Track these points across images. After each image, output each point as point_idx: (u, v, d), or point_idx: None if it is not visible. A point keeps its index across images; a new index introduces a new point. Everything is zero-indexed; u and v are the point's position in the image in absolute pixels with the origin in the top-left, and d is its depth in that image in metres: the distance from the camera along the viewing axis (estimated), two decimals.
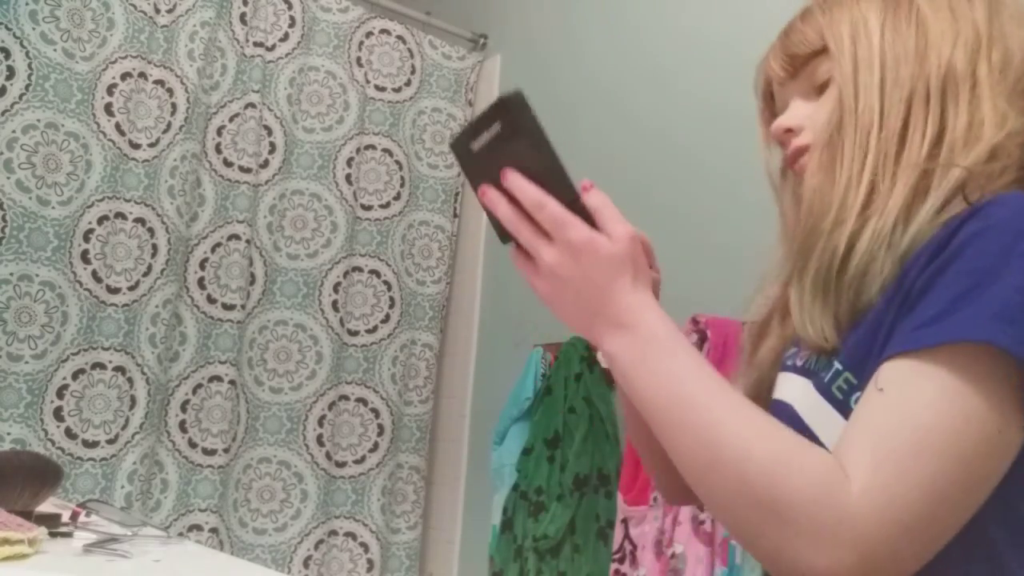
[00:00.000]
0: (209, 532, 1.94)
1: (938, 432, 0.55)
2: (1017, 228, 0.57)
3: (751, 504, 0.58)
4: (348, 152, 2.26)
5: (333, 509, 2.14)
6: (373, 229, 2.28)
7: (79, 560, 0.79)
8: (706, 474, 0.60)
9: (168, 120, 1.97)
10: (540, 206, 0.63)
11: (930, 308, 0.57)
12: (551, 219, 0.64)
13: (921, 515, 0.55)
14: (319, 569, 2.09)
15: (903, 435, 0.55)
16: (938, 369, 0.56)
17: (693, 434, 0.61)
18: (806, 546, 0.55)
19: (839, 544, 0.54)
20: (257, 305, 2.10)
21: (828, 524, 0.55)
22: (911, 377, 0.57)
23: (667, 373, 0.64)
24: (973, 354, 0.55)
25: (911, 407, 0.56)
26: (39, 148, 1.81)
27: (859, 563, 0.54)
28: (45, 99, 1.82)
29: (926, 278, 0.59)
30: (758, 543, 0.58)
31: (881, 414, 0.57)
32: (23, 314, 1.78)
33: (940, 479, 0.55)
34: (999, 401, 0.55)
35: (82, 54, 1.88)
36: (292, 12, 2.20)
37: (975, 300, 0.56)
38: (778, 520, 0.56)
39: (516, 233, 0.65)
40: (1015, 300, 0.55)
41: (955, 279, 0.57)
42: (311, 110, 2.22)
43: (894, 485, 0.54)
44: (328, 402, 2.16)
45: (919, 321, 0.58)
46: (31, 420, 1.77)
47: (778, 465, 0.57)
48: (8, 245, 1.76)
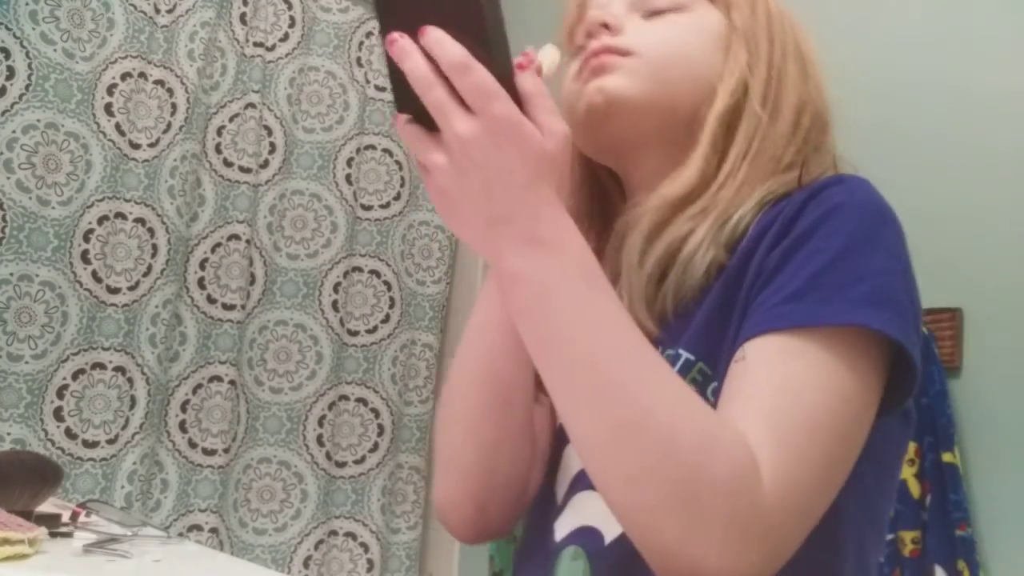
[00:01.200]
0: (209, 532, 1.94)
1: (824, 412, 0.53)
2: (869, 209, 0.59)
3: (670, 485, 0.49)
4: (348, 152, 2.26)
5: (333, 509, 2.14)
6: (373, 229, 2.28)
7: (79, 560, 0.79)
8: (621, 443, 0.50)
9: (168, 120, 1.97)
10: (465, 68, 0.49)
11: (789, 285, 0.56)
12: (477, 86, 0.50)
13: (813, 499, 0.53)
14: (319, 569, 2.09)
15: (796, 416, 0.53)
16: (815, 348, 0.54)
17: (615, 393, 0.51)
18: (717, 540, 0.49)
19: (748, 541, 0.50)
20: (257, 305, 2.10)
21: (743, 517, 0.49)
22: (791, 356, 0.54)
23: (592, 312, 0.52)
24: (846, 335, 0.55)
25: (798, 386, 0.53)
26: (39, 148, 1.81)
27: (760, 561, 0.50)
28: (45, 99, 1.82)
29: (778, 256, 0.58)
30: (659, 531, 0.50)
31: (771, 394, 0.53)
32: (23, 314, 1.77)
33: (828, 460, 0.54)
34: (865, 381, 0.56)
35: (82, 54, 1.88)
36: (292, 12, 2.20)
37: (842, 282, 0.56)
38: (695, 507, 0.49)
39: (425, 92, 0.50)
40: (880, 283, 0.56)
41: (811, 258, 0.57)
42: (311, 110, 2.22)
43: (795, 471, 0.51)
44: (328, 402, 2.16)
45: (780, 298, 0.56)
46: (31, 420, 1.77)
47: (706, 444, 0.50)
48: (8, 245, 1.76)
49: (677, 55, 0.68)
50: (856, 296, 0.55)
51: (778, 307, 0.56)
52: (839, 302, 0.55)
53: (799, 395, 0.53)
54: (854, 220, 0.58)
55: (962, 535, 1.40)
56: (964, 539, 1.40)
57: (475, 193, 0.51)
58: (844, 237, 0.57)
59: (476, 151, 0.50)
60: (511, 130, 0.50)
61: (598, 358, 0.51)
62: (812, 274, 0.56)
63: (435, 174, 0.52)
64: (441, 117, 0.50)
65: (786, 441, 0.52)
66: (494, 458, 0.68)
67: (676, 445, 0.50)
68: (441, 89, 0.50)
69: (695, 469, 0.49)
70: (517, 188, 0.51)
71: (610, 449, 0.51)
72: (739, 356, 0.56)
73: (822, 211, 0.59)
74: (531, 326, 0.53)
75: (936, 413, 1.47)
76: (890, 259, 0.59)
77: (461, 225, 0.54)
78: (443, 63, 0.50)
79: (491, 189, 0.51)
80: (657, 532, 0.51)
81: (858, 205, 0.60)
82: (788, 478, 0.51)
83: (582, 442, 0.53)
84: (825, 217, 0.58)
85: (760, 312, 0.57)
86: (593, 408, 0.51)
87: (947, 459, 1.45)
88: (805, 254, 0.57)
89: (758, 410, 0.53)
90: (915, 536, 1.45)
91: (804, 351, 0.54)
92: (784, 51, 0.70)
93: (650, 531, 0.51)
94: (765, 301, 0.57)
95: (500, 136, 0.50)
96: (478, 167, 0.50)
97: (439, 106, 0.50)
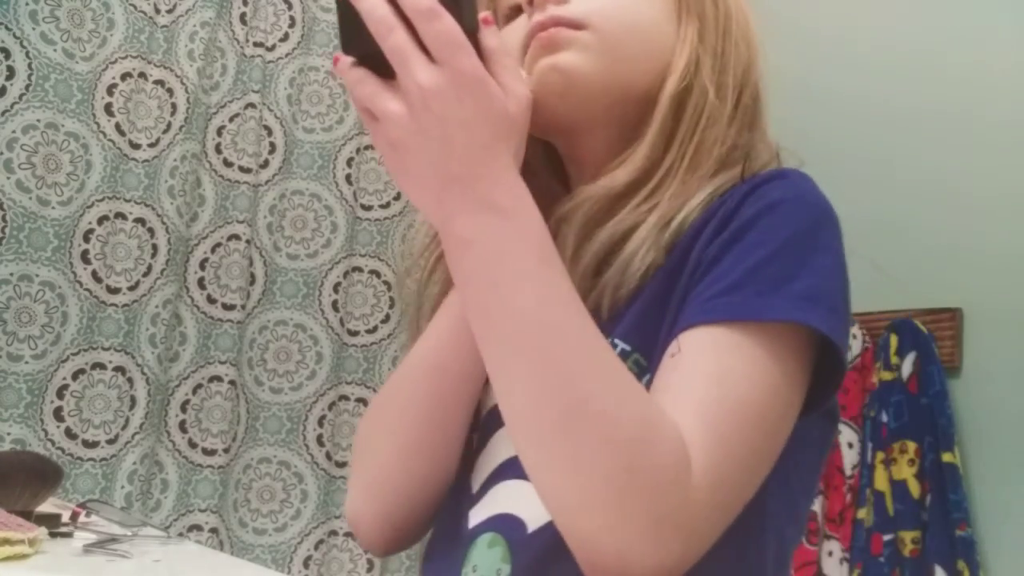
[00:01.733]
0: (209, 532, 1.94)
1: (753, 406, 0.53)
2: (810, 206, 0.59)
3: (605, 472, 0.48)
4: (348, 152, 2.25)
5: (333, 509, 2.14)
6: (373, 229, 2.28)
7: (79, 560, 0.79)
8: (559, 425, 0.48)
9: (168, 120, 1.97)
10: (433, 15, 0.46)
11: (726, 278, 0.56)
12: (444, 35, 0.46)
13: (738, 492, 0.53)
14: (319, 569, 2.09)
15: (727, 410, 0.52)
16: (748, 342, 0.54)
17: (557, 372, 0.48)
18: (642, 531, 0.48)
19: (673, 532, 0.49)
20: (257, 305, 2.10)
21: (671, 509, 0.48)
22: (724, 349, 0.54)
23: (542, 287, 0.50)
24: (779, 330, 0.55)
25: (730, 380, 0.53)
26: (39, 148, 1.81)
27: (681, 552, 0.49)
28: (45, 99, 1.82)
29: (717, 248, 0.58)
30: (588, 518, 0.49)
31: (703, 386, 0.53)
32: (23, 314, 1.77)
33: (755, 454, 0.53)
34: (794, 377, 0.55)
35: (82, 54, 1.88)
36: (292, 12, 2.20)
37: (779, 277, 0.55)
38: (626, 496, 0.48)
39: (384, 35, 0.46)
40: (816, 281, 0.56)
41: (749, 251, 0.56)
42: (311, 110, 2.22)
43: (724, 464, 0.51)
44: (328, 402, 2.16)
45: (716, 290, 0.56)
46: (31, 420, 1.77)
47: (645, 433, 0.48)
48: (8, 245, 1.76)
49: (633, 27, 0.64)
50: (792, 292, 0.55)
51: (714, 299, 0.55)
52: (775, 296, 0.55)
53: (731, 388, 0.53)
54: (794, 216, 0.58)
55: (962, 535, 1.40)
56: (964, 539, 1.40)
57: (432, 148, 0.48)
58: (784, 233, 0.57)
59: (438, 103, 0.47)
60: (476, 86, 0.47)
61: (544, 335, 0.49)
62: (750, 268, 0.55)
63: (387, 123, 0.48)
64: (401, 64, 0.47)
65: (717, 434, 0.51)
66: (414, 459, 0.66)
67: (616, 432, 0.48)
68: (403, 33, 0.46)
69: (632, 458, 0.48)
70: (476, 147, 0.48)
71: (548, 431, 0.49)
72: (674, 348, 0.55)
73: (762, 205, 0.58)
74: (476, 294, 0.50)
75: (936, 413, 1.48)
76: (827, 257, 0.58)
77: (411, 181, 0.50)
78: (408, 7, 0.46)
79: (450, 145, 0.47)
80: (585, 519, 0.49)
81: (799, 202, 0.59)
82: (717, 471, 0.50)
83: (518, 421, 0.51)
84: (766, 211, 0.58)
85: (696, 303, 0.56)
86: (534, 386, 0.49)
87: (947, 459, 1.45)
88: (743, 247, 0.57)
89: (690, 402, 0.52)
90: (915, 536, 1.45)
91: (738, 344, 0.54)
92: (727, 16, 0.67)
93: (577, 517, 0.50)
94: (701, 293, 0.56)
95: (464, 90, 0.47)
96: (438, 120, 0.47)
97: (400, 51, 0.46)
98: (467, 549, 0.63)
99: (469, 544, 0.63)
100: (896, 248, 1.59)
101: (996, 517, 1.44)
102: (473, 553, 0.63)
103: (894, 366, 1.54)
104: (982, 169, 1.53)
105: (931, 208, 1.59)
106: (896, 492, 1.48)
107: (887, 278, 1.60)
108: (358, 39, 0.47)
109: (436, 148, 0.48)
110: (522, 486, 0.60)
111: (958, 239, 1.54)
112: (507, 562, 0.60)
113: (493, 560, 0.61)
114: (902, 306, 1.56)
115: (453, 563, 0.64)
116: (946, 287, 1.53)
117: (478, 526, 0.64)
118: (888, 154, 1.65)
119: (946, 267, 1.55)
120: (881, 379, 1.55)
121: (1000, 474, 1.45)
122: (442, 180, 0.48)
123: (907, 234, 1.59)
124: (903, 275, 1.58)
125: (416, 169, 0.49)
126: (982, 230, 1.51)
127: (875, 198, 1.63)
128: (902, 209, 1.60)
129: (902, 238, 1.59)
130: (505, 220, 0.49)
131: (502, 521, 0.62)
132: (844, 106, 1.69)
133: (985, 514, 1.44)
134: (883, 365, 1.56)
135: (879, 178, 1.64)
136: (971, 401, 1.49)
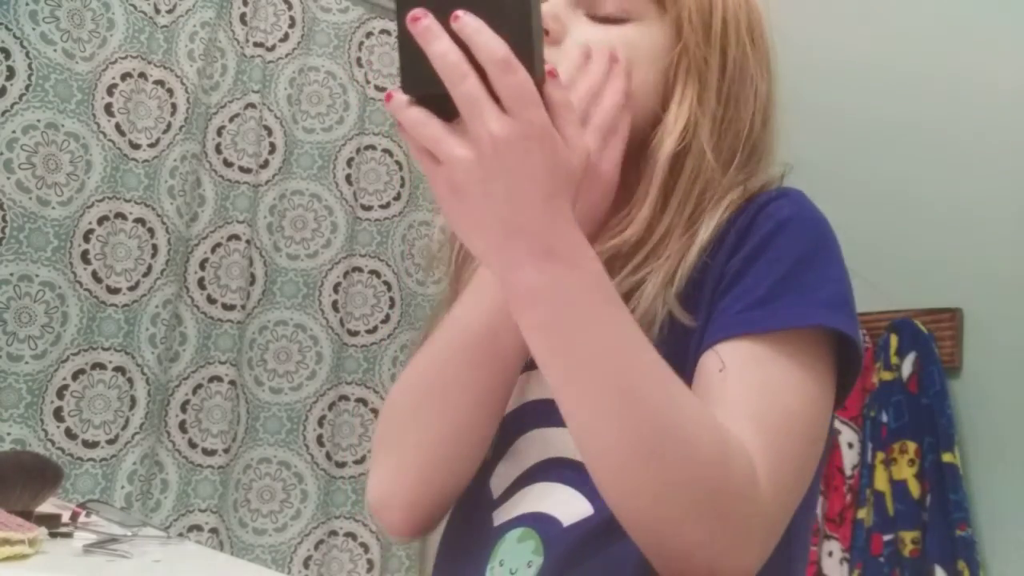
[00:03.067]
0: (209, 532, 1.94)
1: (798, 415, 0.57)
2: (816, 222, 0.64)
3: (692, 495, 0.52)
4: (348, 152, 2.26)
5: (333, 509, 2.14)
6: (373, 229, 2.28)
7: (79, 560, 0.79)
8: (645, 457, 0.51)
9: (168, 120, 1.97)
10: (508, 66, 0.47)
11: (752, 292, 0.60)
12: (519, 88, 0.47)
13: (794, 496, 0.58)
14: (319, 569, 2.09)
15: (776, 421, 0.56)
16: (784, 352, 0.58)
17: (639, 406, 0.51)
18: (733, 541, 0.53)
19: (755, 538, 0.54)
20: (257, 305, 2.10)
21: (751, 518, 0.54)
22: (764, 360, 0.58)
23: (612, 328, 0.52)
24: (806, 339, 0.59)
25: (773, 390, 0.57)
26: (39, 148, 1.81)
27: (762, 554, 0.55)
28: (45, 99, 1.82)
29: (738, 265, 0.62)
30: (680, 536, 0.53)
31: (752, 399, 0.56)
32: (23, 314, 1.77)
33: (804, 460, 0.58)
34: (824, 383, 0.60)
35: (82, 54, 1.88)
36: (292, 12, 2.20)
37: (803, 288, 0.60)
38: (716, 514, 0.52)
39: (456, 81, 0.47)
40: (835, 289, 0.61)
41: (771, 267, 0.61)
42: (311, 110, 2.22)
43: (780, 471, 0.55)
44: (328, 402, 2.16)
45: (746, 304, 0.59)
46: (31, 420, 1.77)
47: (720, 455, 0.52)
48: (8, 245, 1.76)
49: None
50: (817, 300, 0.60)
51: (746, 312, 0.59)
52: (803, 305, 0.59)
53: (777, 400, 0.57)
54: (804, 234, 0.63)
55: (962, 535, 1.40)
56: (964, 539, 1.40)
57: (497, 197, 0.49)
58: (798, 249, 0.62)
59: (509, 154, 0.47)
60: (544, 139, 0.48)
61: (623, 373, 0.51)
62: (774, 282, 0.60)
63: (453, 168, 0.49)
64: (474, 112, 0.47)
65: (773, 444, 0.55)
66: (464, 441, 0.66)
67: (696, 455, 0.52)
68: (476, 81, 0.47)
69: (713, 479, 0.52)
70: (540, 199, 0.49)
71: (635, 461, 0.52)
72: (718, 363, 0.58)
73: (773, 224, 0.62)
74: (548, 341, 0.52)
75: (936, 413, 1.47)
76: (836, 267, 0.63)
77: (471, 226, 0.51)
78: (483, 56, 0.47)
79: (515, 195, 0.49)
80: (678, 538, 0.53)
81: (805, 219, 0.64)
82: (776, 477, 0.55)
83: (601, 454, 0.53)
84: (778, 230, 0.62)
85: (727, 316, 0.60)
86: (618, 422, 0.52)
87: (947, 459, 1.45)
88: (764, 264, 0.61)
89: (745, 415, 0.55)
90: (915, 536, 1.45)
91: (776, 356, 0.58)
92: (736, 71, 0.68)
93: (669, 537, 0.53)
94: (730, 307, 0.60)
95: (533, 143, 0.48)
96: (506, 170, 0.48)
97: (473, 100, 0.47)
98: (493, 547, 0.65)
99: (495, 541, 0.65)
100: (897, 248, 1.59)
101: (996, 517, 1.44)
102: (500, 548, 0.64)
103: (894, 366, 1.54)
104: (982, 169, 1.53)
105: (931, 209, 1.59)
106: (896, 492, 1.48)
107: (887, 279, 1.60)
108: (421, 79, 0.48)
109: (501, 197, 0.48)
110: (552, 488, 0.64)
111: (958, 239, 1.54)
112: (539, 554, 0.62)
113: (523, 553, 0.63)
114: (902, 306, 1.56)
115: (476, 561, 0.65)
116: (946, 287, 1.53)
117: (504, 524, 0.66)
118: (888, 155, 1.65)
119: (946, 267, 1.55)
120: (881, 379, 1.55)
121: (1000, 474, 1.45)
122: (505, 230, 0.49)
123: (907, 234, 1.59)
124: (903, 275, 1.59)
125: (478, 216, 0.50)
126: (982, 230, 1.51)
127: (876, 199, 1.63)
128: (902, 210, 1.60)
129: (902, 238, 1.59)
130: (570, 268, 0.50)
131: (533, 518, 0.64)
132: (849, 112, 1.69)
133: (985, 514, 1.44)
134: (883, 365, 1.56)
135: (879, 179, 1.64)
136: (971, 401, 1.49)
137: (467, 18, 0.47)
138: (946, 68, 1.60)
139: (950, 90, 1.59)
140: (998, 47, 1.55)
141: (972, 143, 1.55)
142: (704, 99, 0.66)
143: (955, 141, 1.57)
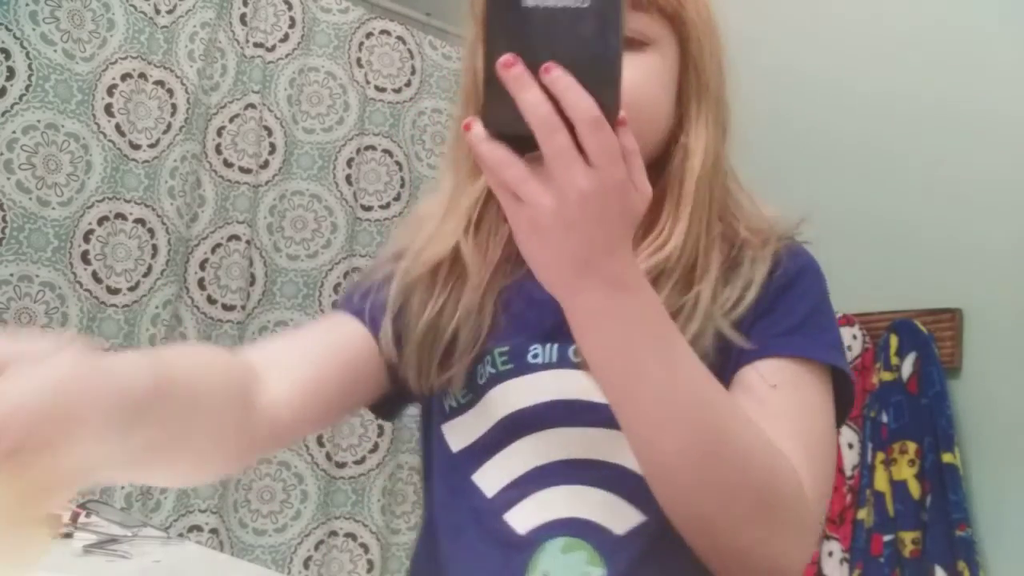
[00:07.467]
0: (209, 533, 1.94)
1: (826, 433, 0.68)
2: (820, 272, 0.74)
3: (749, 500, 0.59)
4: (348, 153, 2.25)
5: (333, 510, 2.14)
6: (373, 230, 2.28)
7: (79, 561, 0.79)
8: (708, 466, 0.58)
9: (168, 121, 1.97)
10: (599, 126, 0.49)
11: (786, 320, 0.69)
12: (606, 146, 0.50)
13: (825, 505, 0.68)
14: (319, 570, 2.09)
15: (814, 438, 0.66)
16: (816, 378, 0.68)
17: (700, 421, 0.57)
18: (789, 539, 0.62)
19: (805, 536, 0.63)
20: (257, 306, 2.10)
21: (803, 519, 0.62)
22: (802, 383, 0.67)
23: (673, 349, 0.57)
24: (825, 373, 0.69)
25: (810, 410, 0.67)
26: (39, 149, 1.81)
27: (810, 550, 0.65)
28: (45, 100, 1.82)
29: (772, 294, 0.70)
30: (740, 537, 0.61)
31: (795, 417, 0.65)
32: (23, 315, 1.77)
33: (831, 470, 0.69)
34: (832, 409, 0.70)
35: (82, 55, 1.88)
36: (292, 13, 2.20)
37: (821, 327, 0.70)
38: (771, 515, 0.60)
39: (548, 134, 0.49)
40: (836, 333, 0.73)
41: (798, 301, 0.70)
42: (311, 111, 2.22)
43: (818, 479, 0.64)
44: None
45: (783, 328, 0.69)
46: None
47: (771, 464, 0.60)
48: (8, 246, 1.76)
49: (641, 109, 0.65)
50: (829, 341, 0.71)
51: (785, 336, 0.68)
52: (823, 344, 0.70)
53: (814, 420, 0.67)
54: (818, 280, 0.74)
55: (962, 535, 1.40)
56: (964, 539, 1.40)
57: (573, 239, 0.52)
58: (816, 292, 0.72)
59: (592, 206, 0.51)
60: (622, 191, 0.52)
61: (682, 391, 0.57)
62: (803, 316, 0.69)
63: (535, 211, 0.51)
64: (562, 165, 0.50)
65: (812, 458, 0.64)
66: None
67: (753, 463, 0.59)
68: (566, 136, 0.49)
69: (769, 486, 0.60)
70: (612, 240, 0.53)
71: (699, 472, 0.58)
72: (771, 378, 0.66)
73: (798, 265, 0.72)
74: (613, 360, 0.57)
75: (936, 413, 1.47)
76: (832, 310, 0.74)
77: (546, 261, 0.55)
78: (574, 114, 0.49)
79: (591, 239, 0.52)
80: (741, 538, 0.60)
81: (816, 268, 0.75)
82: (816, 484, 0.63)
83: (666, 466, 0.59)
84: (802, 272, 0.72)
85: (767, 337, 0.68)
86: (681, 436, 0.57)
87: (947, 459, 1.45)
88: (793, 297, 0.70)
89: (790, 431, 0.63)
90: (915, 536, 1.45)
91: (811, 379, 0.68)
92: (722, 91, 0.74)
93: (734, 537, 0.60)
94: (768, 329, 0.68)
95: (612, 195, 0.51)
96: (586, 219, 0.51)
97: (563, 155, 0.50)
98: (530, 555, 0.65)
99: (532, 550, 0.66)
100: (896, 248, 1.59)
101: (996, 517, 1.44)
102: (541, 559, 0.66)
103: (894, 366, 1.54)
104: (982, 170, 1.53)
105: (932, 209, 1.59)
106: (896, 492, 1.48)
107: (887, 279, 1.60)
108: (506, 120, 0.50)
109: (577, 240, 0.52)
110: (583, 491, 0.66)
111: (958, 239, 1.54)
112: (598, 565, 0.65)
113: (575, 565, 0.65)
114: (902, 306, 1.56)
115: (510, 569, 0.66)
116: (946, 287, 1.53)
117: (536, 531, 0.66)
118: (889, 156, 1.65)
119: (946, 267, 1.55)
120: (881, 379, 1.55)
121: (1000, 474, 1.45)
122: (578, 266, 0.54)
123: (907, 234, 1.59)
124: (903, 275, 1.59)
125: (554, 253, 0.54)
126: (982, 231, 1.51)
127: (876, 199, 1.63)
128: (903, 210, 1.60)
129: (903, 238, 1.59)
130: (632, 295, 0.55)
131: (575, 525, 0.66)
132: (848, 105, 1.69)
133: (985, 514, 1.44)
134: (883, 365, 1.56)
135: (880, 180, 1.64)
136: (971, 401, 1.49)
137: (558, 72, 0.49)
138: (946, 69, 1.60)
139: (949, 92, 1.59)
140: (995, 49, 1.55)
141: (972, 142, 1.55)
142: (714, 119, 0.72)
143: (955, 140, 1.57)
